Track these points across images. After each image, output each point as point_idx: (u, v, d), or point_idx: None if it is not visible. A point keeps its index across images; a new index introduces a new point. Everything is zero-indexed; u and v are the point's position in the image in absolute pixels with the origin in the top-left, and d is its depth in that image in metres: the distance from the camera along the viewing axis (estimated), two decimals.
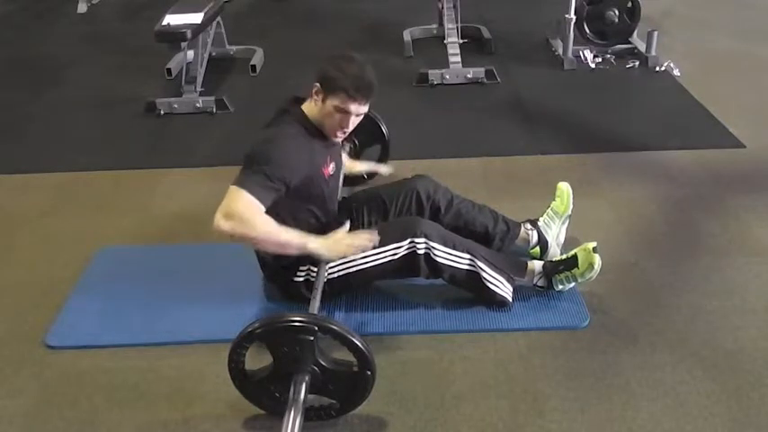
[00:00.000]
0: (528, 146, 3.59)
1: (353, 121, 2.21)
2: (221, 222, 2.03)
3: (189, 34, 3.98)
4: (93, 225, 3.02)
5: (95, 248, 2.82)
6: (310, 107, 2.25)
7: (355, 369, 1.90)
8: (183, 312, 2.44)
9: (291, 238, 2.13)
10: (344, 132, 2.24)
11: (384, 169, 2.89)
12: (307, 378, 1.87)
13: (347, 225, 2.26)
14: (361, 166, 2.89)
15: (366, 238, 2.20)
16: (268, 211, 2.10)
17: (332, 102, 2.16)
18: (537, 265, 2.44)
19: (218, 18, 4.58)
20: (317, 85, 2.19)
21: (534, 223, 2.62)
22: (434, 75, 4.33)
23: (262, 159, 2.11)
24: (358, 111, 2.19)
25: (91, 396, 2.13)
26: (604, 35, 4.60)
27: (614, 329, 2.32)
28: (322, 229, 2.38)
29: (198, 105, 4.09)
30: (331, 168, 2.34)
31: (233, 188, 2.07)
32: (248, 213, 2.04)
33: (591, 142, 3.60)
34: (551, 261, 2.46)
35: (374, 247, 2.25)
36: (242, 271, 2.55)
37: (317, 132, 2.27)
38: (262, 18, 5.90)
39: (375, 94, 2.20)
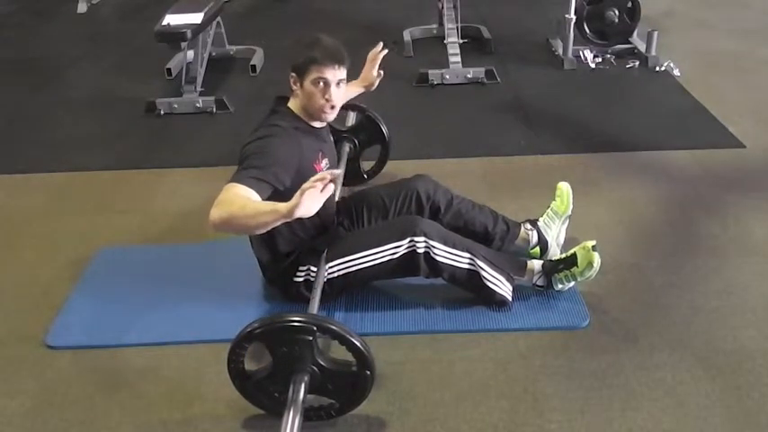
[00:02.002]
0: (528, 146, 3.59)
1: (336, 92, 2.21)
2: (211, 212, 1.92)
3: (189, 34, 3.98)
4: (93, 225, 3.02)
5: (95, 248, 2.82)
6: (294, 101, 2.27)
7: (354, 369, 1.90)
8: (183, 312, 2.44)
9: (262, 205, 1.92)
10: (332, 107, 2.23)
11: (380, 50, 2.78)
12: (306, 378, 1.87)
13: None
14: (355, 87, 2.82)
15: (324, 176, 1.82)
16: None
17: (309, 79, 2.18)
18: (536, 264, 2.44)
19: (218, 18, 4.58)
20: (293, 74, 2.22)
21: (534, 223, 2.62)
22: (434, 75, 4.33)
23: (252, 157, 2.09)
24: (335, 77, 2.19)
25: (91, 396, 2.13)
26: (604, 35, 4.60)
27: (614, 329, 2.32)
28: (319, 226, 2.38)
29: (198, 105, 4.09)
30: (324, 164, 2.33)
31: (225, 185, 2.02)
32: (231, 197, 1.94)
33: (591, 142, 3.60)
34: (551, 260, 2.46)
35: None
36: (242, 271, 2.55)
37: (305, 127, 2.28)
38: (262, 18, 5.90)
39: (346, 57, 2.20)
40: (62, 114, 4.20)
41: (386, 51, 2.80)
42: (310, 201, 1.80)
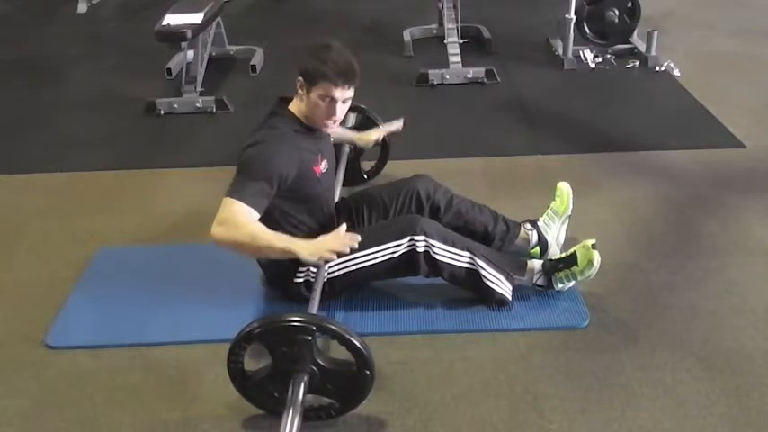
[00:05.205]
0: (528, 146, 3.59)
1: (341, 108, 2.20)
2: (215, 230, 2.05)
3: (189, 34, 3.98)
4: (93, 225, 3.02)
5: (95, 248, 2.82)
6: (297, 104, 2.26)
7: (354, 369, 1.90)
8: (183, 312, 2.44)
9: (275, 241, 2.07)
10: (334, 121, 2.24)
11: (396, 125, 2.95)
12: (305, 378, 1.87)
13: (343, 226, 2.17)
14: (374, 135, 2.92)
15: (347, 241, 2.08)
16: (264, 216, 2.11)
17: (316, 92, 2.16)
18: (536, 263, 2.44)
19: (218, 18, 4.58)
20: (300, 79, 2.20)
21: (534, 223, 2.62)
22: (434, 75, 4.33)
23: (251, 165, 2.12)
24: (343, 96, 2.18)
25: (91, 396, 2.14)
26: (604, 35, 4.60)
27: (614, 329, 2.32)
28: (319, 228, 2.38)
29: (198, 105, 4.09)
30: (323, 166, 2.33)
31: (225, 199, 2.08)
32: (237, 218, 2.05)
33: (591, 142, 3.60)
34: (551, 259, 2.45)
35: (361, 248, 2.24)
36: (242, 271, 2.55)
37: (305, 130, 2.27)
38: (262, 18, 5.90)
39: (358, 77, 2.18)
40: (62, 114, 4.20)
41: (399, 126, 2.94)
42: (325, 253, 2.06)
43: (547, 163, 3.41)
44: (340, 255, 2.10)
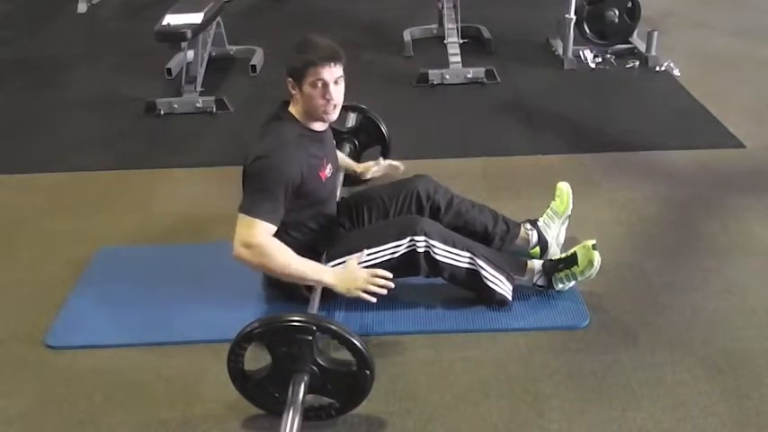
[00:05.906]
0: (528, 146, 3.59)
1: (336, 90, 2.20)
2: (242, 251, 2.11)
3: (189, 34, 3.98)
4: (93, 225, 3.02)
5: (95, 248, 2.82)
6: (295, 107, 2.27)
7: (354, 369, 1.90)
8: (183, 312, 2.44)
9: (308, 271, 2.17)
10: (334, 106, 2.22)
11: (397, 163, 2.86)
12: (306, 378, 1.87)
13: (364, 253, 2.26)
14: (373, 164, 2.87)
15: (383, 283, 2.18)
16: None
17: (307, 82, 2.17)
18: (537, 263, 2.44)
19: (218, 18, 4.58)
20: (290, 79, 2.21)
21: (534, 223, 2.62)
22: (434, 75, 4.33)
23: (263, 178, 2.13)
24: (333, 76, 2.17)
25: (91, 396, 2.14)
26: (604, 35, 4.60)
27: (614, 329, 2.32)
28: (320, 230, 2.38)
29: (198, 105, 4.09)
30: (328, 170, 2.34)
31: (244, 217, 2.11)
32: (267, 244, 2.11)
33: (591, 142, 3.60)
34: (551, 260, 2.45)
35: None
36: (242, 271, 2.53)
37: (310, 134, 2.27)
38: (262, 18, 5.90)
39: (342, 55, 2.19)
40: (62, 114, 4.20)
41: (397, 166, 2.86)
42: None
43: (547, 163, 3.41)
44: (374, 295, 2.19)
